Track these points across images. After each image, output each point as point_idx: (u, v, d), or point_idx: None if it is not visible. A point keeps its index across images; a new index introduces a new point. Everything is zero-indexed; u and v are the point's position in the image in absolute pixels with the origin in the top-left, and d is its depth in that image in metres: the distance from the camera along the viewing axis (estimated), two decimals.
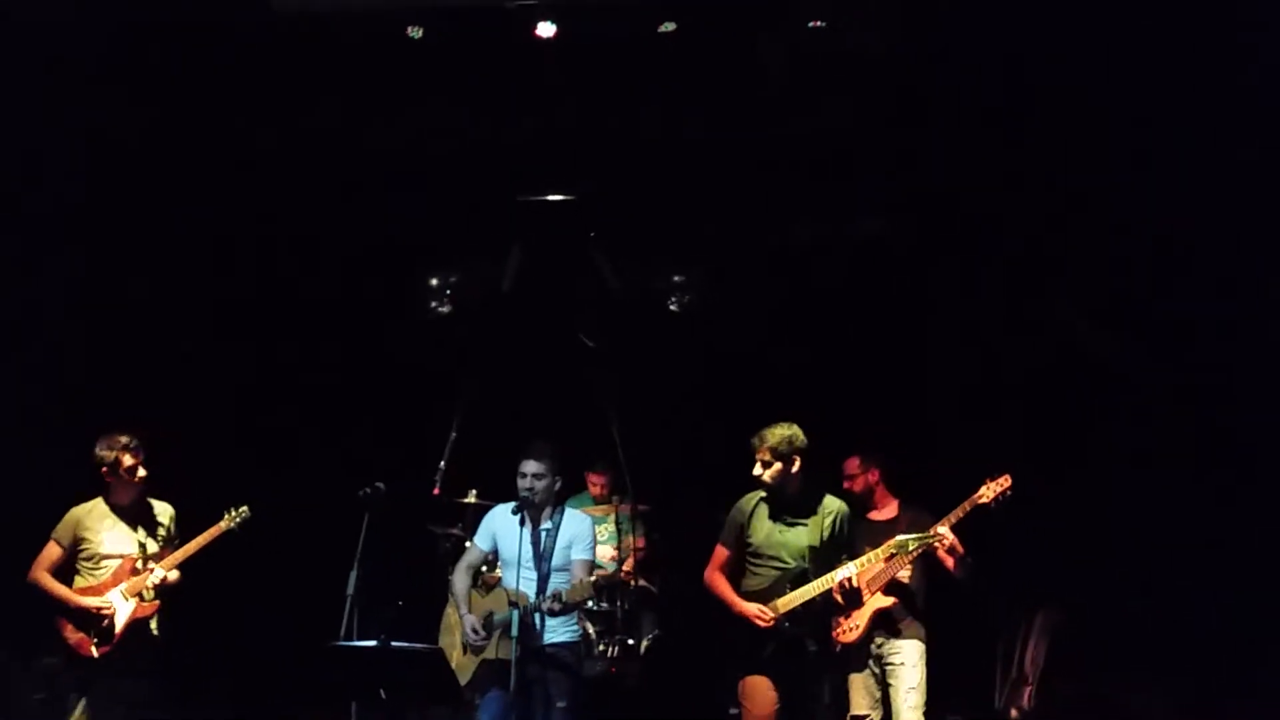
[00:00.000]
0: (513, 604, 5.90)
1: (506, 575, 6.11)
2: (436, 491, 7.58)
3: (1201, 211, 6.96)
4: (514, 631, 5.81)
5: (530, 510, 6.06)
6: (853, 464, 6.80)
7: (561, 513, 6.15)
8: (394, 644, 5.55)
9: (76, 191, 7.51)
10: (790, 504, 6.08)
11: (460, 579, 6.26)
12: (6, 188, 7.27)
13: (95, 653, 6.26)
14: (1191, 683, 6.87)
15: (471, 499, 7.51)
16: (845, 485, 6.74)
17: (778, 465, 6.00)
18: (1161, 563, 7.13)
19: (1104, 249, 7.47)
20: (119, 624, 6.28)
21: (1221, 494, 6.99)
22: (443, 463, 7.59)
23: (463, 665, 6.15)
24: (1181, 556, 7.08)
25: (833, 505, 6.14)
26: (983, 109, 7.27)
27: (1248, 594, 6.88)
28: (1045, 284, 7.77)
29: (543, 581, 6.02)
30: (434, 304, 8.36)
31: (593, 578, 6.04)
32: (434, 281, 8.35)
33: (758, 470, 6.03)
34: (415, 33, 7.23)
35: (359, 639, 6.01)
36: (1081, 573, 7.31)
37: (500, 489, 6.60)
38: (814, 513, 6.09)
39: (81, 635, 6.28)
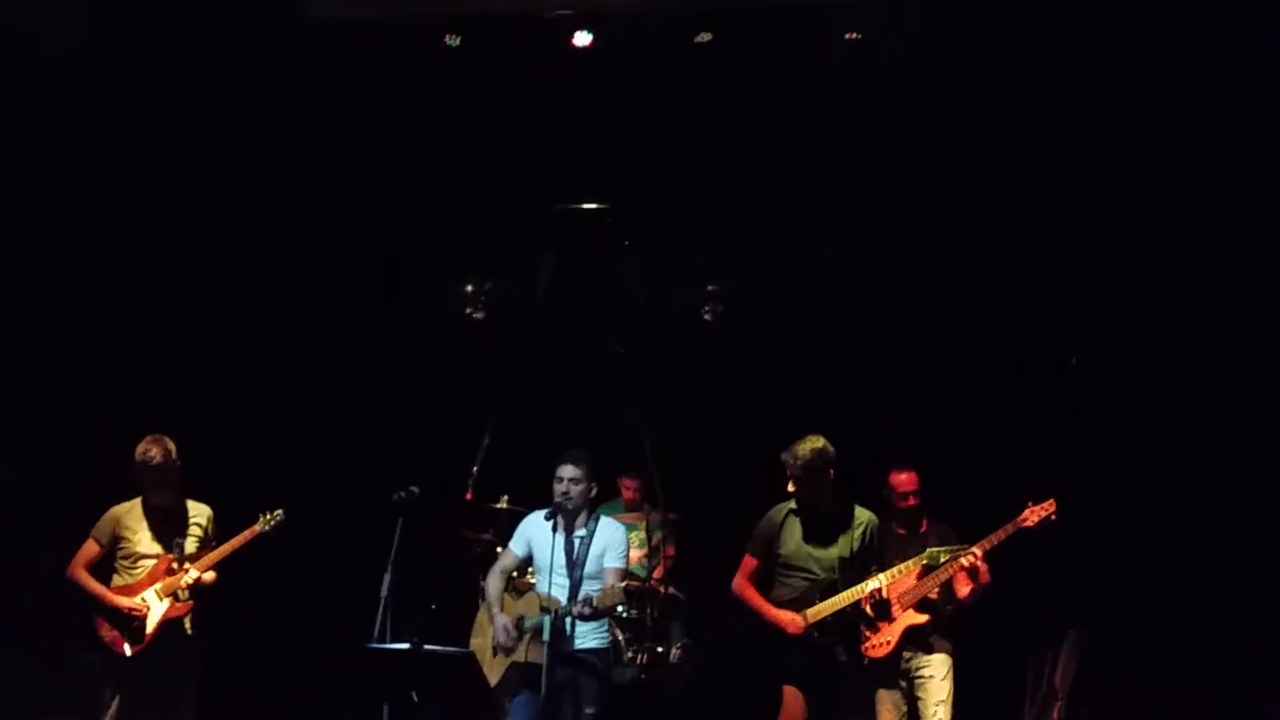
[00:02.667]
0: (544, 609, 5.94)
1: (539, 581, 6.15)
2: (469, 496, 7.62)
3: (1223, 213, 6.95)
4: (545, 636, 5.85)
5: (564, 516, 6.09)
6: (912, 479, 6.69)
7: (596, 520, 6.17)
8: (426, 646, 5.59)
9: (104, 192, 7.58)
10: (821, 516, 6.10)
11: (494, 582, 6.30)
12: (25, 190, 7.35)
13: (128, 651, 6.33)
14: (1215, 705, 6.84)
15: (503, 504, 7.55)
16: (907, 503, 6.64)
17: (811, 479, 6.01)
18: (1190, 584, 7.12)
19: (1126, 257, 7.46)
20: (151, 623, 6.33)
21: (1255, 515, 6.96)
22: (475, 468, 7.64)
23: (492, 667, 6.19)
24: (1210, 578, 7.06)
25: (863, 517, 6.15)
26: (1007, 119, 7.27)
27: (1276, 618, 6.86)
28: (1069, 293, 7.75)
29: (575, 588, 6.04)
30: (469, 310, 8.41)
31: (624, 584, 6.08)
32: (469, 288, 8.40)
33: (792, 486, 6.03)
34: (453, 41, 7.30)
35: (392, 641, 6.05)
36: (1111, 593, 7.29)
37: (532, 495, 6.64)
38: (844, 524, 6.10)
39: (116, 633, 6.35)
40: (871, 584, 6.06)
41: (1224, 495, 7.08)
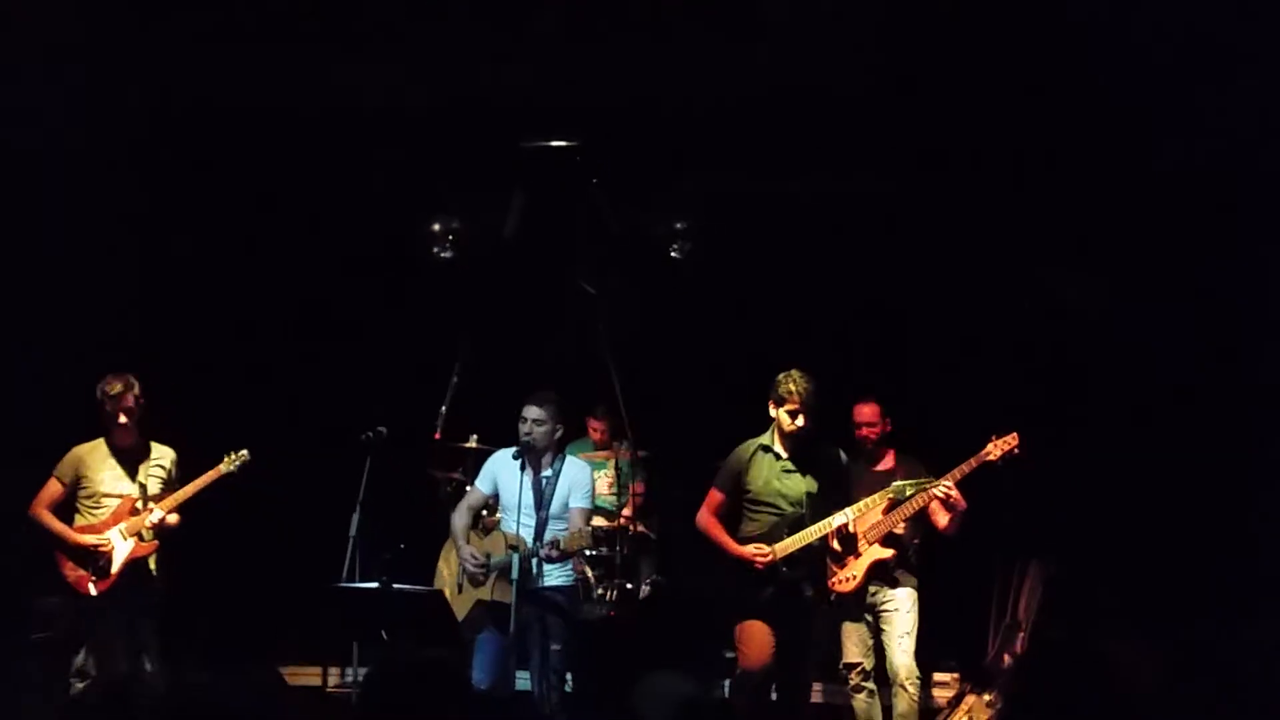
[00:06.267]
0: (511, 547, 5.97)
1: (506, 519, 6.18)
2: (437, 436, 7.63)
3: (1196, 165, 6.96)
4: (513, 575, 5.88)
5: (530, 456, 6.10)
6: (873, 411, 6.69)
7: (562, 460, 6.20)
8: (395, 586, 5.62)
9: (78, 138, 7.49)
10: (791, 451, 6.13)
11: (460, 518, 6.33)
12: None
13: (93, 590, 6.32)
14: (1180, 636, 6.93)
15: (472, 444, 7.56)
16: (863, 433, 6.67)
17: (812, 412, 6.02)
18: (1154, 516, 7.19)
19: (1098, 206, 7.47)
20: (117, 562, 6.32)
21: (1215, 448, 7.02)
22: (444, 407, 7.64)
23: (457, 603, 6.22)
24: (1175, 510, 7.13)
25: (830, 452, 6.19)
26: (979, 67, 7.25)
27: (1239, 551, 6.94)
28: (1039, 240, 7.77)
29: (541, 527, 6.08)
30: (436, 250, 8.36)
31: (590, 526, 6.10)
32: (436, 227, 8.34)
33: (801, 420, 6.01)
34: None
35: (361, 580, 6.08)
36: (1076, 524, 7.37)
37: (501, 434, 6.65)
38: (813, 460, 6.14)
39: (80, 572, 6.33)
40: (839, 518, 6.11)
41: (1189, 424, 7.14)
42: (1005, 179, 7.62)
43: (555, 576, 6.11)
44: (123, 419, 6.35)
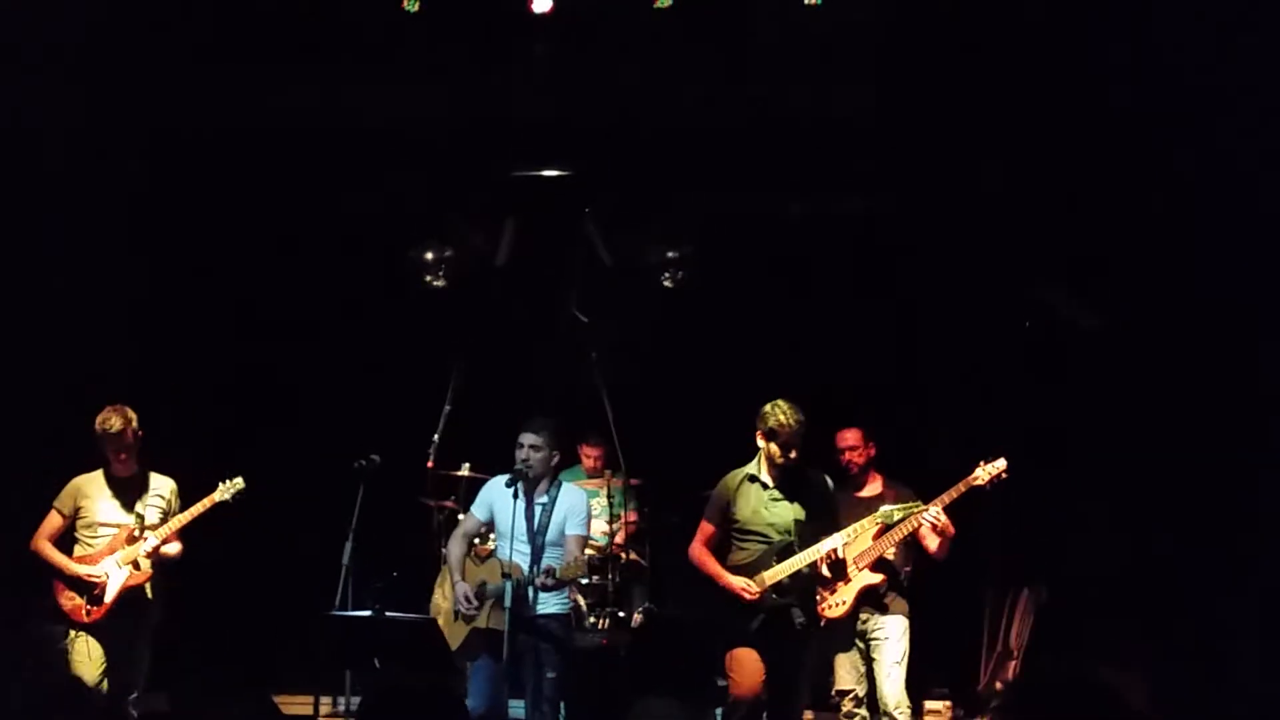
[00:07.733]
0: (506, 575, 5.97)
1: (500, 546, 6.18)
2: (430, 464, 7.64)
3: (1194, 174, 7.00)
4: (507, 603, 5.88)
5: (525, 483, 6.11)
6: (855, 436, 6.73)
7: (558, 487, 6.20)
8: (388, 614, 5.63)
9: (72, 161, 7.51)
10: (778, 480, 6.14)
11: (455, 547, 6.32)
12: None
13: (87, 617, 6.35)
14: (1174, 662, 6.94)
15: (465, 472, 7.58)
16: (846, 459, 6.70)
17: (799, 444, 6.04)
18: (1148, 541, 7.21)
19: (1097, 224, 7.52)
20: (111, 591, 6.35)
21: (1212, 472, 7.03)
22: (436, 436, 7.65)
23: (453, 632, 6.22)
24: (1168, 533, 7.15)
25: (817, 479, 6.20)
26: (976, 83, 7.31)
27: (1237, 573, 6.94)
28: (1032, 260, 7.81)
29: (536, 554, 6.07)
30: (428, 278, 8.40)
31: (586, 554, 6.10)
32: (428, 255, 8.38)
33: (793, 454, 6.04)
34: (411, 5, 7.25)
35: (354, 608, 6.09)
36: (1067, 550, 7.39)
37: (494, 462, 6.66)
38: (799, 487, 6.15)
39: (76, 601, 6.36)
40: (828, 543, 6.11)
41: (1178, 450, 7.16)
42: (1000, 198, 7.66)
43: (550, 604, 6.10)
44: (119, 448, 6.39)
